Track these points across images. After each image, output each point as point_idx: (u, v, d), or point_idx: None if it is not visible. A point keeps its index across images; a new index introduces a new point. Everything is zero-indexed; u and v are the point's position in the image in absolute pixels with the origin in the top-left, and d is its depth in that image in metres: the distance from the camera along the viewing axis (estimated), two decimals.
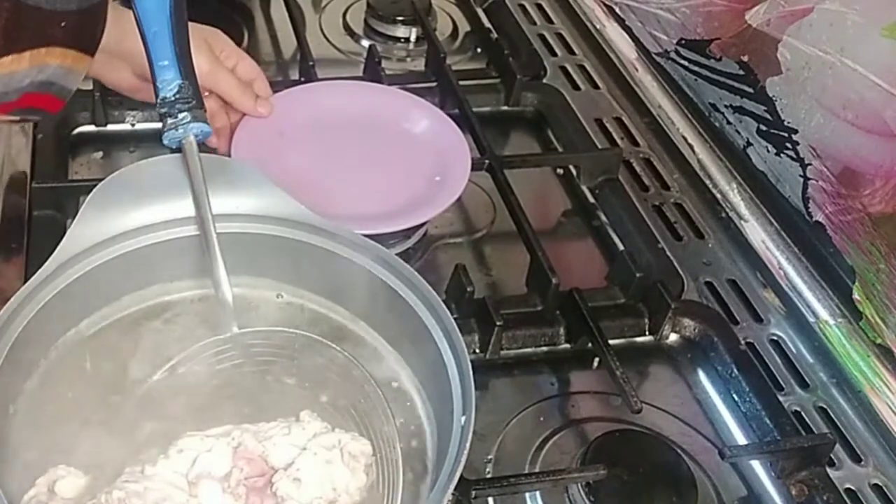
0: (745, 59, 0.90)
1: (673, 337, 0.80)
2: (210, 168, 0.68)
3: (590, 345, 0.76)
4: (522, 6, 1.16)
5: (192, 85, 0.68)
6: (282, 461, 0.59)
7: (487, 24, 1.13)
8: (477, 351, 0.75)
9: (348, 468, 0.59)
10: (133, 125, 0.93)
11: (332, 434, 0.61)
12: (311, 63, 0.96)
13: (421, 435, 0.63)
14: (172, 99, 0.67)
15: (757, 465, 0.71)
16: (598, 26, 1.12)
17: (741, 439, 0.74)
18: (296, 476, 0.58)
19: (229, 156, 0.79)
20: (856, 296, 0.79)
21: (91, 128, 0.92)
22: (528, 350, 0.77)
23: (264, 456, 0.60)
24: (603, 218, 0.91)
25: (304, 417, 0.62)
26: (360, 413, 0.64)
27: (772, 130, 0.88)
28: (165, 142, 0.68)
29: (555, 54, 1.09)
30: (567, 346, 0.78)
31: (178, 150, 0.68)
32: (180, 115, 0.67)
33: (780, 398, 0.75)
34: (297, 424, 0.61)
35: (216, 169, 0.69)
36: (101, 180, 0.67)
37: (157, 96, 0.68)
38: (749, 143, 0.91)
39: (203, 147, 0.68)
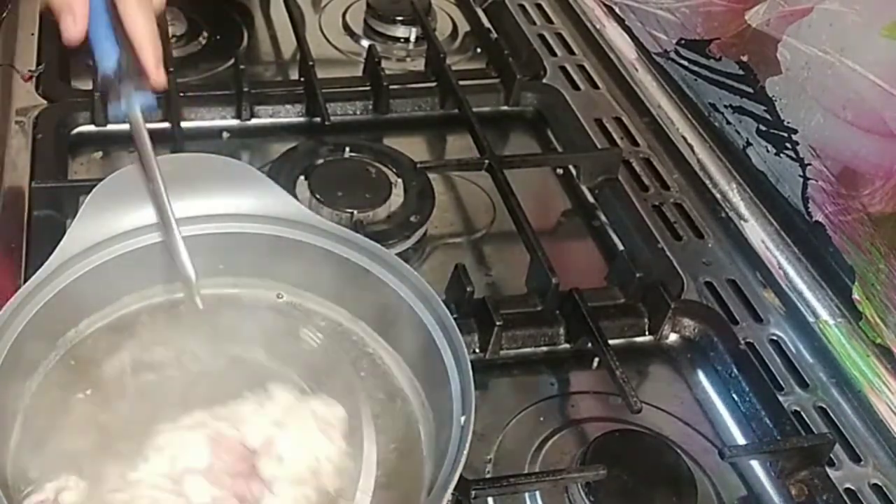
0: (745, 59, 0.90)
1: (673, 337, 0.80)
2: (210, 168, 0.68)
3: (590, 345, 0.76)
4: (522, 6, 1.16)
5: (131, 56, 0.67)
6: (259, 440, 0.59)
7: (487, 24, 1.13)
8: (477, 351, 0.75)
9: (325, 436, 0.60)
10: None
11: (304, 404, 0.61)
12: (310, 63, 0.96)
13: (421, 435, 0.63)
14: (114, 72, 0.66)
15: (757, 465, 0.71)
16: (597, 26, 1.12)
17: (741, 439, 0.74)
18: (277, 455, 0.59)
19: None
20: (855, 296, 0.79)
21: (91, 128, 0.92)
22: (528, 350, 0.77)
23: (242, 441, 0.60)
24: (603, 218, 0.91)
25: (272, 389, 0.62)
26: (326, 374, 0.64)
27: (771, 130, 0.88)
28: (110, 115, 0.67)
29: (554, 54, 1.09)
30: (567, 346, 0.78)
31: (123, 120, 0.67)
32: (122, 87, 0.66)
33: (780, 398, 0.75)
34: (266, 398, 0.61)
35: (216, 169, 0.69)
36: (101, 180, 0.67)
37: (97, 71, 0.67)
38: (749, 143, 0.91)
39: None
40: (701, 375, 0.78)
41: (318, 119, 0.93)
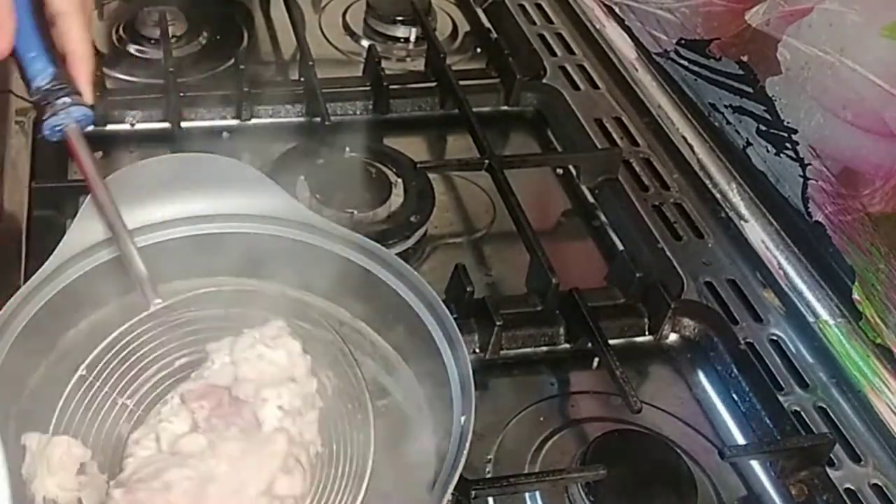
0: (745, 59, 0.90)
1: (673, 337, 0.80)
2: (210, 168, 0.68)
3: (589, 345, 0.76)
4: (522, 6, 1.16)
5: (68, 74, 0.66)
6: (225, 380, 0.61)
7: (487, 24, 1.13)
8: (477, 351, 0.75)
9: (279, 349, 0.61)
10: (133, 125, 0.93)
11: (244, 337, 0.62)
12: (310, 63, 0.96)
13: (420, 435, 0.63)
14: (48, 87, 0.65)
15: (757, 465, 0.71)
16: (597, 26, 1.12)
17: (741, 439, 0.74)
18: (247, 379, 0.60)
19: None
20: (855, 296, 0.79)
21: (91, 128, 0.91)
22: (528, 350, 0.77)
23: (210, 384, 0.60)
24: (603, 218, 0.91)
25: (210, 349, 0.63)
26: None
27: (771, 130, 0.88)
28: (46, 131, 0.66)
29: (554, 54, 1.09)
30: (567, 346, 0.78)
31: (59, 139, 0.66)
32: (59, 102, 0.65)
33: (780, 398, 0.75)
34: (210, 358, 0.62)
35: (216, 169, 0.69)
36: None
37: (30, 87, 0.66)
38: (749, 143, 0.91)
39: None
40: (701, 375, 0.78)
41: (318, 119, 0.93)
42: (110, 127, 0.92)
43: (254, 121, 0.95)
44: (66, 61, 0.66)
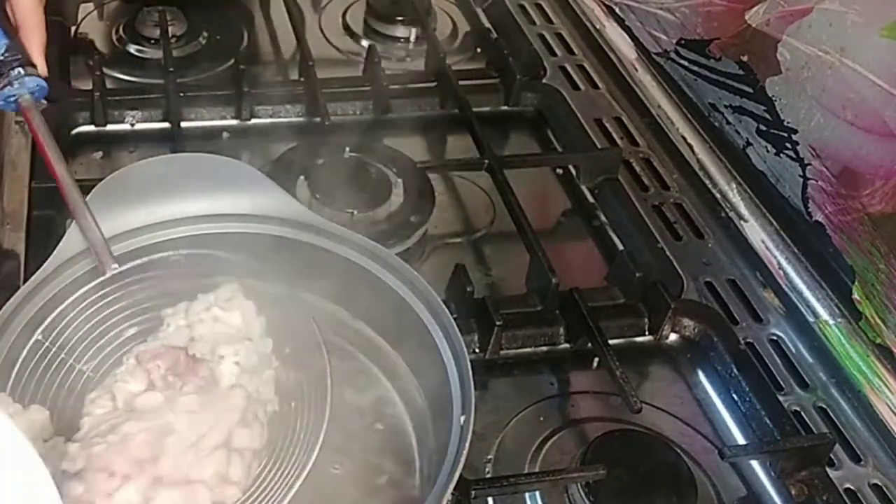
0: (745, 59, 0.90)
1: (673, 337, 0.80)
2: (210, 168, 0.68)
3: (589, 345, 0.76)
4: (522, 6, 1.16)
5: (21, 45, 0.67)
6: (181, 341, 0.61)
7: (487, 24, 1.13)
8: (477, 351, 0.75)
9: (234, 311, 0.62)
10: (133, 125, 0.93)
11: (199, 301, 0.62)
12: (310, 63, 0.96)
13: (420, 434, 0.63)
14: (1, 58, 0.66)
15: (757, 465, 0.71)
16: (597, 26, 1.12)
17: (741, 439, 0.74)
18: (203, 339, 0.60)
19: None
20: (855, 296, 0.79)
21: (91, 128, 0.92)
22: (528, 350, 0.77)
23: (166, 345, 0.60)
24: (602, 218, 0.91)
25: (165, 314, 0.63)
26: None
27: (771, 130, 0.88)
28: (0, 102, 0.66)
29: (554, 54, 1.09)
30: (567, 345, 0.78)
31: (14, 109, 0.66)
32: (13, 72, 0.66)
33: (780, 398, 0.75)
34: (165, 322, 0.62)
35: (216, 169, 0.69)
36: (101, 180, 0.67)
37: None
38: (749, 143, 0.91)
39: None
40: (701, 375, 0.78)
41: (318, 119, 0.93)
42: (110, 127, 0.92)
43: (254, 121, 0.95)
44: (19, 33, 0.67)
